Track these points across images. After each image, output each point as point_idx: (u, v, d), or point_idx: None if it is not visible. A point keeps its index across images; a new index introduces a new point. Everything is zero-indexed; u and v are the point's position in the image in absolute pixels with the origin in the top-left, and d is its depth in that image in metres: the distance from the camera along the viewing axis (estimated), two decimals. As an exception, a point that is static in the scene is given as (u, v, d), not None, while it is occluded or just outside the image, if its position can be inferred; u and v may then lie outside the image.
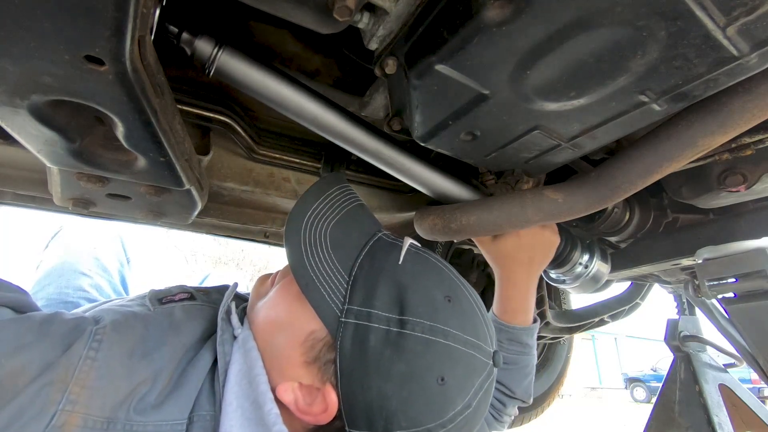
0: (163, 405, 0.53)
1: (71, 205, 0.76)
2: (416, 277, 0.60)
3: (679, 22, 0.44)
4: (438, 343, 0.55)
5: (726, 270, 0.98)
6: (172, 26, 0.58)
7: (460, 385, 0.56)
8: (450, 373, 0.55)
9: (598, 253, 1.06)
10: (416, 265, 0.62)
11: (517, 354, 0.92)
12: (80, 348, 0.52)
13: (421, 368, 0.54)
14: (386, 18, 0.54)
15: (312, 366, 0.58)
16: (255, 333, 0.63)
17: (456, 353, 0.56)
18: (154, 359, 0.56)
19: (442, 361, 0.55)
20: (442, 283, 0.62)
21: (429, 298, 0.58)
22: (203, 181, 0.80)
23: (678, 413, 1.47)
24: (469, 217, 0.83)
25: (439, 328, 0.56)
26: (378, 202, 1.17)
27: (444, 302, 0.59)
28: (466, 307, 0.61)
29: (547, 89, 0.55)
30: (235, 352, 0.60)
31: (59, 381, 0.49)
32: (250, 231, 1.26)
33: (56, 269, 1.13)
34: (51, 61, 0.40)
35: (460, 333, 0.57)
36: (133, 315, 0.60)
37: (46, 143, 0.57)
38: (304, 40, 0.85)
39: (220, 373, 0.58)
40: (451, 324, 0.57)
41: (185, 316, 0.64)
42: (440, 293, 0.59)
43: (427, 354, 0.55)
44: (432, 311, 0.57)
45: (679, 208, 1.08)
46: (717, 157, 0.77)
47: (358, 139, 0.74)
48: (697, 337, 1.58)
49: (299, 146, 1.02)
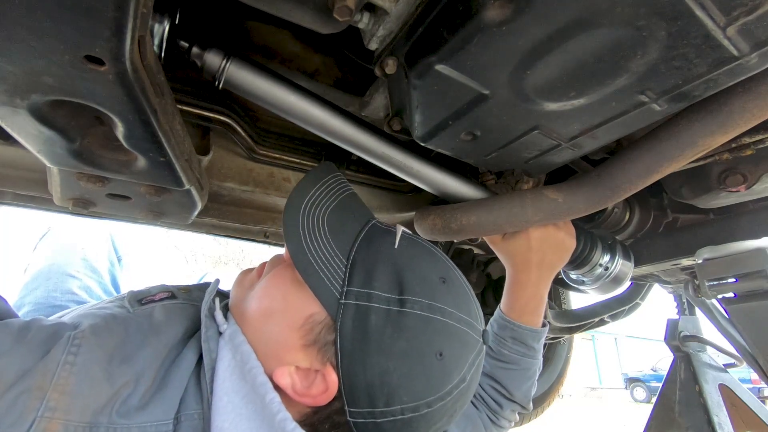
0: (147, 406, 0.53)
1: (71, 205, 0.76)
2: (412, 260, 0.62)
3: (679, 22, 0.44)
4: (436, 320, 0.58)
5: (726, 270, 0.98)
6: (182, 42, 0.61)
7: (457, 360, 0.58)
8: (448, 349, 0.57)
9: (620, 252, 1.00)
10: (411, 249, 0.64)
11: (519, 355, 0.91)
12: (58, 354, 0.52)
13: (422, 344, 0.56)
14: (386, 18, 0.54)
15: (311, 348, 0.59)
16: (243, 326, 0.63)
17: (452, 329, 0.59)
18: (135, 361, 0.55)
19: (441, 337, 0.58)
20: (436, 265, 0.64)
21: (426, 278, 0.60)
22: (203, 181, 0.80)
23: (678, 413, 1.47)
24: (469, 217, 0.83)
25: (436, 306, 0.58)
26: (378, 202, 1.17)
27: (439, 283, 0.61)
28: (459, 288, 0.64)
29: (547, 89, 0.55)
30: (222, 348, 0.60)
31: (37, 388, 0.48)
32: (250, 231, 1.26)
33: (44, 272, 1.12)
34: (51, 61, 0.40)
35: (455, 311, 0.60)
36: (113, 318, 0.60)
37: (46, 143, 0.57)
38: (304, 40, 0.85)
39: (206, 371, 0.58)
40: (447, 303, 0.59)
41: (166, 315, 0.64)
42: (435, 275, 0.62)
43: (427, 331, 0.57)
44: (429, 291, 0.59)
45: (679, 208, 1.08)
46: (717, 157, 0.77)
47: (365, 143, 0.75)
48: (697, 337, 1.58)
49: (299, 146, 1.02)
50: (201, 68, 0.63)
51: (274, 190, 1.03)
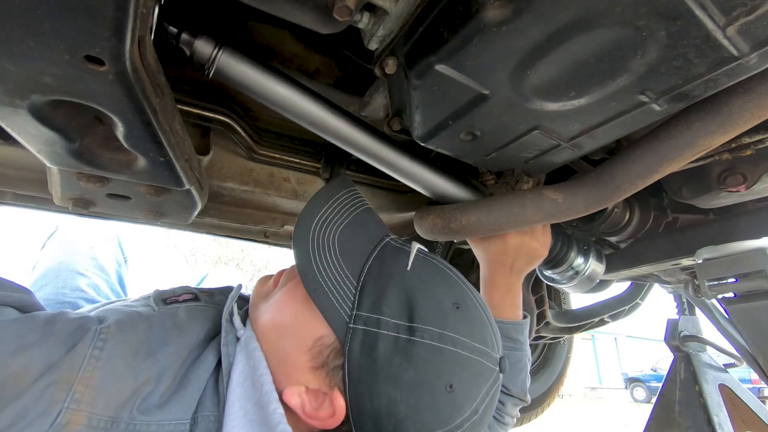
0: (167, 405, 0.53)
1: (71, 205, 0.76)
2: (425, 284, 0.60)
3: (679, 22, 0.44)
4: (447, 350, 0.55)
5: (726, 270, 0.98)
6: (171, 27, 0.58)
7: (468, 392, 0.56)
8: (458, 381, 0.55)
9: (594, 254, 1.08)
10: (424, 271, 0.62)
11: (507, 350, 0.92)
12: (84, 347, 0.52)
13: (431, 376, 0.54)
14: (386, 18, 0.54)
15: (319, 371, 0.58)
16: (258, 334, 0.63)
17: (464, 360, 0.56)
18: (158, 359, 0.56)
19: (451, 368, 0.55)
20: (451, 289, 0.62)
21: (438, 305, 0.58)
22: (203, 181, 0.80)
23: (678, 413, 1.47)
24: (469, 217, 0.83)
25: (448, 336, 0.56)
26: (378, 202, 1.17)
27: (452, 309, 0.59)
28: (474, 313, 0.61)
29: (547, 89, 0.55)
30: (238, 353, 0.60)
31: (63, 380, 0.49)
32: (250, 231, 1.26)
33: (53, 269, 1.13)
34: (51, 61, 0.40)
35: (468, 340, 0.57)
36: (138, 315, 0.60)
37: (46, 143, 0.57)
38: (304, 40, 0.85)
39: (223, 375, 0.58)
40: (459, 331, 0.57)
41: (189, 317, 0.64)
42: (449, 300, 0.59)
43: (437, 362, 0.55)
44: (441, 318, 0.57)
45: (679, 208, 1.08)
46: (717, 157, 0.77)
47: (357, 141, 0.74)
48: (697, 337, 1.58)
49: (299, 146, 1.02)
50: (190, 56, 0.59)
51: (274, 190, 1.03)
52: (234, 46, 0.62)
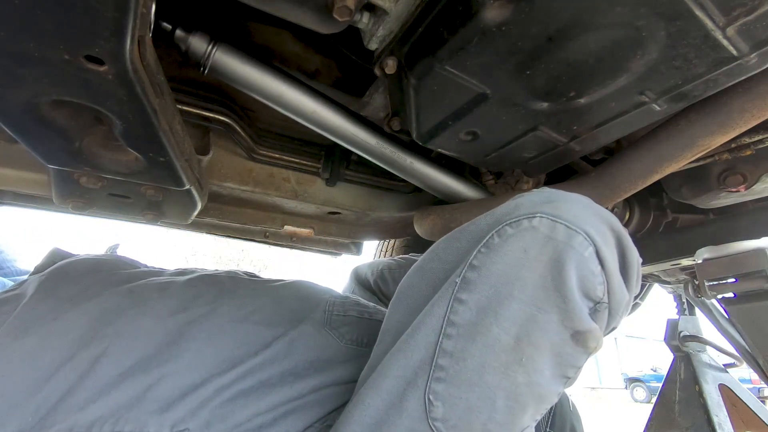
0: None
1: (71, 205, 0.76)
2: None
3: (678, 22, 0.44)
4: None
5: (726, 270, 0.98)
6: (165, 23, 0.58)
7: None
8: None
9: None
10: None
11: None
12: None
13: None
14: (386, 18, 0.54)
15: None
16: None
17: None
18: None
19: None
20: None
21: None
22: (203, 181, 0.80)
23: (678, 413, 1.46)
24: (469, 217, 0.83)
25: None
26: (378, 202, 1.17)
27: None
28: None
29: (547, 89, 0.55)
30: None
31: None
32: (250, 231, 1.26)
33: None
34: (51, 61, 0.40)
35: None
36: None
37: (46, 143, 0.57)
38: (304, 40, 0.85)
39: None
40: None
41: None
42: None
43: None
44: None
45: (679, 208, 1.08)
46: (717, 157, 0.77)
47: (356, 136, 0.74)
48: (697, 337, 1.58)
49: (299, 146, 1.02)
50: (185, 53, 0.59)
51: (274, 190, 1.03)
52: (230, 42, 0.61)
